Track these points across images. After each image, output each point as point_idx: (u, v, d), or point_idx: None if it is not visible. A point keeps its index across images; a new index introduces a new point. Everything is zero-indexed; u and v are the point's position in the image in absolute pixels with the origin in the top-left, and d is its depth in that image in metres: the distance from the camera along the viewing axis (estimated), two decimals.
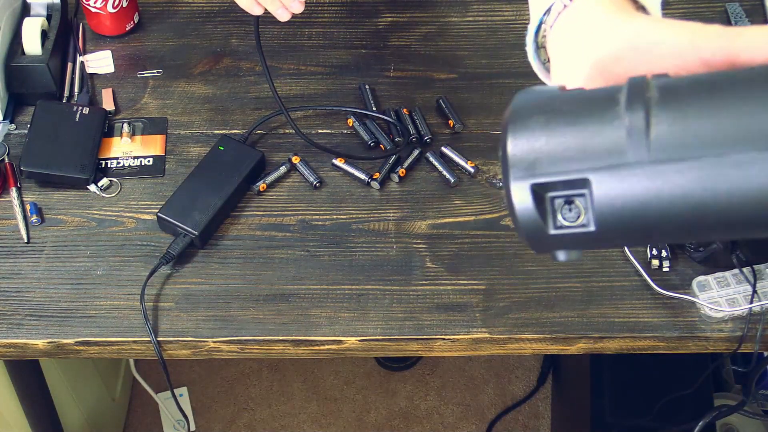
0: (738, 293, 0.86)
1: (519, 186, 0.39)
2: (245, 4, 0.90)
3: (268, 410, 1.75)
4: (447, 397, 1.76)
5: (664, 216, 0.37)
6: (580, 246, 0.41)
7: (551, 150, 0.39)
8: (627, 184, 0.37)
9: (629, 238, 0.40)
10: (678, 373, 1.31)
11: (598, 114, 0.39)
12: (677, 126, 0.37)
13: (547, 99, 0.41)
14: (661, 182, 0.37)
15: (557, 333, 0.87)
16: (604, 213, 0.38)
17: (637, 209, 0.38)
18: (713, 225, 0.37)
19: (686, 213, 0.37)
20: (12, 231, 0.93)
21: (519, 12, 1.13)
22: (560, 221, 0.39)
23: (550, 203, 0.39)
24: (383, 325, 0.87)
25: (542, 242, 0.40)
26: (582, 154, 0.38)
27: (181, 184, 0.94)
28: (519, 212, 0.40)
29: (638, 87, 0.38)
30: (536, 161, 0.39)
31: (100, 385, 1.55)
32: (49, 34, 1.03)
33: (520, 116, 0.40)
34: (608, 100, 0.39)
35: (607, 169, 0.38)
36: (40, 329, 0.87)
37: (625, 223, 0.38)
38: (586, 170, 0.38)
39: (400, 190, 0.97)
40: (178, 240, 0.90)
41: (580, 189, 0.39)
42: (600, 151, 0.38)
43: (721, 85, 0.37)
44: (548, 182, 0.39)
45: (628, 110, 0.38)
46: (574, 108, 0.39)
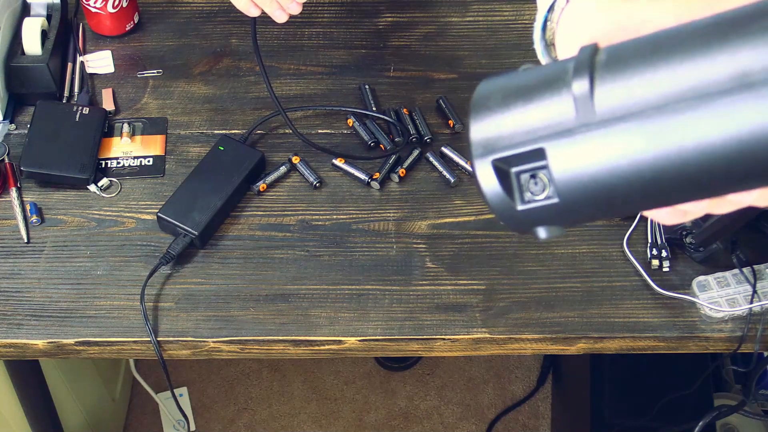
0: (738, 293, 0.86)
1: (481, 164, 0.40)
2: (242, 6, 0.90)
3: (268, 410, 1.75)
4: (447, 397, 1.76)
5: (621, 178, 0.37)
6: (552, 220, 0.41)
7: (508, 125, 0.39)
8: (579, 149, 0.38)
9: (595, 206, 0.39)
10: (678, 373, 1.31)
11: (550, 84, 0.39)
12: (620, 84, 0.37)
13: (505, 79, 0.41)
14: (611, 143, 0.37)
15: (557, 333, 0.87)
16: (564, 182, 0.38)
17: (593, 173, 0.38)
18: (670, 184, 0.37)
19: (640, 173, 0.37)
20: (12, 231, 0.93)
21: (519, 12, 1.13)
22: (527, 196, 0.40)
23: (516, 179, 0.40)
24: (383, 325, 0.87)
25: (515, 219, 0.41)
26: (536, 124, 0.39)
27: (181, 184, 0.94)
28: (485, 190, 0.40)
29: (587, 53, 0.38)
30: (495, 138, 0.40)
31: (100, 385, 1.55)
32: (49, 34, 1.03)
33: (480, 98, 0.41)
34: (560, 71, 0.39)
35: (559, 136, 0.38)
36: (40, 329, 0.87)
37: (586, 190, 0.38)
38: (540, 140, 0.38)
39: (400, 190, 0.97)
40: (178, 240, 0.90)
41: (539, 161, 0.39)
42: (552, 119, 0.38)
43: (662, 42, 0.37)
44: (507, 156, 0.39)
45: (575, 75, 0.38)
46: (529, 82, 0.40)
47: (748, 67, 0.33)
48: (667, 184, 0.37)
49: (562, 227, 0.42)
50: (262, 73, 0.97)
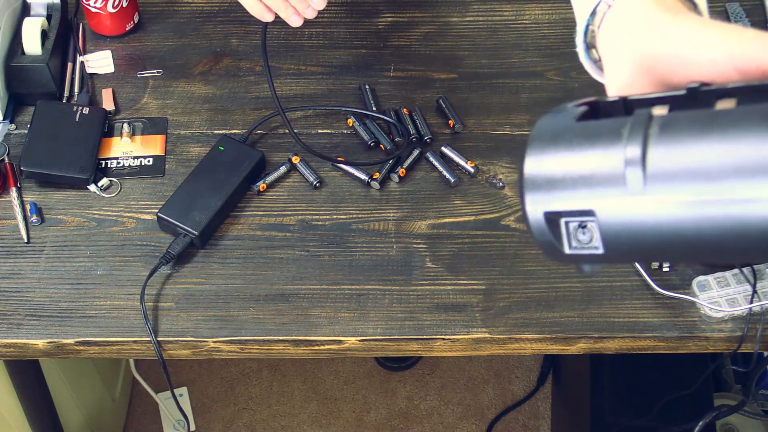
0: (738, 293, 0.86)
1: (534, 213, 0.44)
2: (256, 11, 0.90)
3: (268, 410, 1.75)
4: (447, 397, 1.76)
5: (663, 242, 0.41)
6: (596, 263, 0.45)
7: (562, 181, 0.43)
8: (626, 215, 0.41)
9: (637, 258, 0.44)
10: (678, 373, 1.31)
11: (603, 147, 0.42)
12: (671, 160, 0.40)
13: (561, 130, 0.44)
14: (655, 213, 0.40)
15: (557, 333, 0.87)
16: (610, 238, 0.42)
17: (637, 235, 0.41)
18: (708, 252, 0.40)
19: (681, 240, 0.40)
20: (12, 231, 0.93)
21: (519, 12, 1.13)
22: (574, 243, 0.44)
23: (565, 227, 0.44)
24: (383, 325, 0.87)
25: (561, 259, 0.45)
26: (587, 186, 0.42)
27: (181, 184, 0.94)
28: (536, 235, 0.44)
29: (640, 122, 0.41)
30: (549, 191, 0.43)
31: (100, 385, 1.55)
32: (49, 34, 1.03)
33: (536, 147, 0.45)
34: (613, 134, 0.42)
35: (608, 201, 0.41)
36: (40, 329, 0.87)
37: (629, 247, 0.42)
38: (590, 201, 0.42)
39: (400, 190, 0.97)
40: (178, 240, 0.90)
41: (588, 216, 0.42)
42: (603, 183, 0.41)
43: (714, 122, 0.39)
44: (558, 211, 0.43)
45: (628, 144, 0.41)
46: (583, 141, 0.43)
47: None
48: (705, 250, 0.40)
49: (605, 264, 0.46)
50: (268, 77, 0.97)
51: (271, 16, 0.90)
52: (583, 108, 0.45)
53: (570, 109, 0.46)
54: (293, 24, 0.90)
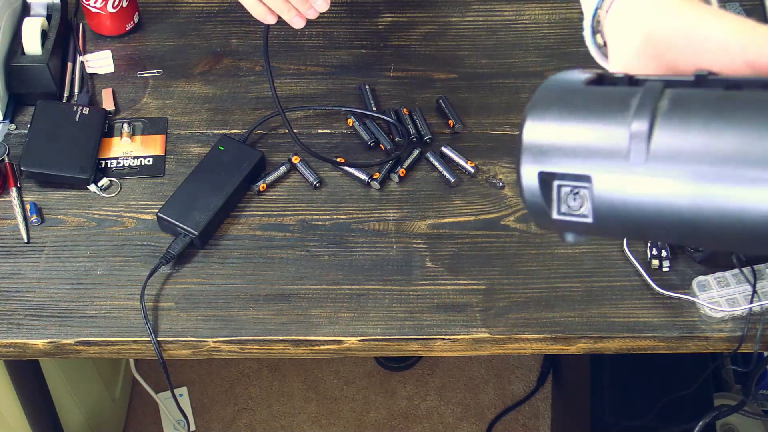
0: (738, 293, 0.86)
1: (528, 171, 0.43)
2: (258, 14, 0.90)
3: (268, 410, 1.75)
4: (447, 397, 1.76)
5: (655, 220, 0.40)
6: (581, 232, 0.44)
7: (561, 143, 0.42)
8: (623, 186, 0.40)
9: (624, 233, 0.42)
10: (678, 373, 1.31)
11: (609, 115, 0.41)
12: (677, 139, 0.39)
13: (568, 92, 0.43)
14: (654, 189, 0.39)
15: (557, 333, 0.87)
16: (602, 208, 0.41)
17: (630, 210, 0.40)
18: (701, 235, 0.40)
19: (675, 221, 0.39)
20: (12, 231, 0.93)
21: (519, 12, 1.13)
22: (564, 208, 0.42)
23: (557, 190, 0.42)
24: (383, 325, 0.87)
25: (546, 223, 0.44)
26: (587, 151, 0.41)
27: (181, 184, 0.94)
28: (526, 195, 0.43)
29: (651, 95, 0.40)
30: (547, 151, 0.42)
31: (100, 385, 1.55)
32: (49, 34, 1.03)
33: (540, 105, 0.43)
34: (621, 103, 0.41)
35: (607, 170, 0.40)
36: (40, 329, 0.87)
37: (620, 220, 0.41)
38: (589, 167, 0.41)
39: (400, 190, 0.97)
40: (178, 240, 0.90)
41: (583, 182, 0.41)
42: (604, 151, 0.40)
43: (726, 106, 0.39)
44: (554, 173, 0.42)
45: (636, 116, 0.40)
46: (589, 105, 0.42)
47: None
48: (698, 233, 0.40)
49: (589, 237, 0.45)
50: (269, 79, 0.97)
51: (274, 18, 0.90)
52: (594, 76, 0.44)
53: (578, 72, 0.45)
54: (296, 26, 0.90)
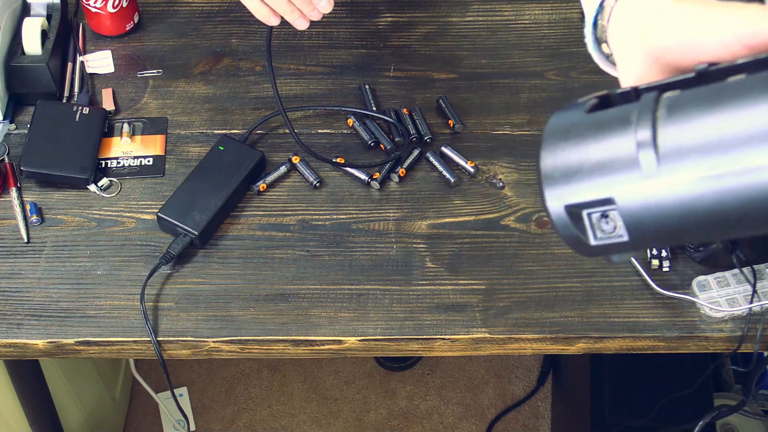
0: (738, 293, 0.86)
1: (555, 208, 0.44)
2: (262, 15, 0.89)
3: (268, 410, 1.75)
4: (447, 397, 1.76)
5: (685, 221, 0.41)
6: (623, 251, 0.45)
7: (577, 174, 0.43)
8: (645, 197, 0.41)
9: (663, 241, 0.43)
10: (678, 373, 1.31)
11: (614, 134, 0.42)
12: (681, 137, 0.40)
13: (572, 125, 0.45)
14: (674, 191, 0.40)
15: (557, 333, 0.87)
16: (632, 223, 0.42)
17: (659, 217, 0.41)
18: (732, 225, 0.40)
19: (703, 217, 0.40)
20: (12, 231, 0.93)
21: (519, 12, 1.13)
22: (599, 234, 0.44)
23: (588, 218, 0.44)
24: (383, 325, 0.87)
25: (588, 252, 0.45)
26: (603, 175, 0.42)
27: (181, 184, 0.94)
28: (560, 230, 0.45)
29: (648, 105, 0.41)
30: (567, 185, 0.44)
31: (100, 385, 1.55)
32: (49, 34, 1.03)
33: (549, 143, 0.45)
34: (623, 121, 0.42)
35: (626, 186, 0.41)
36: (40, 329, 0.87)
37: (653, 230, 0.42)
38: (608, 190, 0.42)
39: (400, 190, 0.97)
40: (178, 240, 0.90)
41: (608, 205, 0.42)
42: (618, 169, 0.42)
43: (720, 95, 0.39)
44: (578, 203, 0.43)
45: (638, 128, 0.41)
46: (594, 132, 0.43)
47: None
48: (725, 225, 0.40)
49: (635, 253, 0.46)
50: (272, 81, 0.97)
51: (277, 20, 0.90)
52: (594, 101, 0.46)
53: (581, 103, 0.46)
54: (299, 27, 0.90)
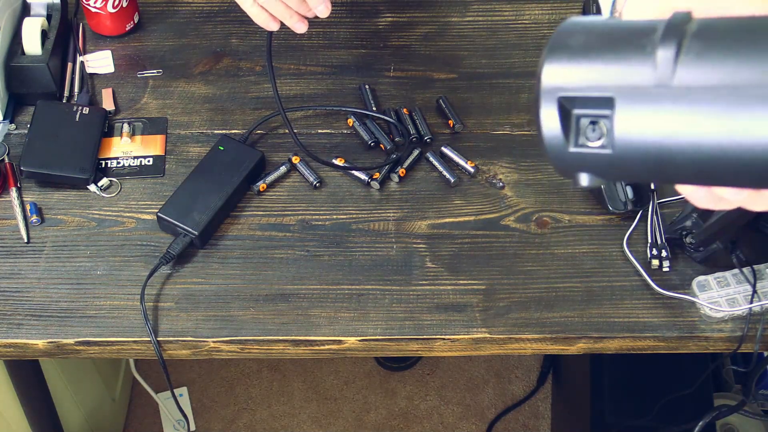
0: (738, 293, 0.86)
1: (548, 97, 0.41)
2: (261, 21, 0.89)
3: (268, 410, 1.75)
4: (447, 397, 1.76)
5: (680, 149, 0.38)
6: (597, 170, 0.41)
7: (584, 67, 0.40)
8: (648, 109, 0.38)
9: (644, 168, 0.40)
10: (678, 373, 1.31)
11: (635, 39, 0.39)
12: (706, 62, 0.37)
13: (591, 22, 0.42)
14: (681, 114, 0.37)
15: (557, 333, 0.87)
16: (623, 135, 0.39)
17: (654, 135, 0.38)
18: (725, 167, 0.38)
19: (700, 151, 0.37)
20: (12, 231, 0.93)
21: (519, 12, 1.13)
22: (582, 140, 0.40)
23: (576, 121, 0.40)
24: (383, 325, 0.87)
25: (563, 159, 0.41)
26: (612, 74, 0.39)
27: (181, 184, 0.94)
28: (544, 124, 0.41)
29: (679, 19, 0.39)
30: (568, 76, 0.40)
31: (100, 385, 1.55)
32: (49, 34, 1.03)
33: (562, 34, 0.42)
34: (648, 28, 0.39)
35: (632, 92, 0.38)
36: (40, 329, 0.87)
37: (642, 149, 0.39)
38: (612, 89, 0.39)
39: (400, 190, 0.97)
40: (179, 240, 0.90)
41: (605, 109, 0.39)
42: (629, 73, 0.39)
43: (758, 31, 0.37)
44: (576, 96, 0.40)
45: (663, 39, 0.38)
46: (614, 31, 0.41)
47: None
48: (723, 166, 0.37)
49: (604, 180, 0.42)
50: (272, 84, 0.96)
51: (277, 25, 0.90)
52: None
53: None
54: (299, 30, 0.90)
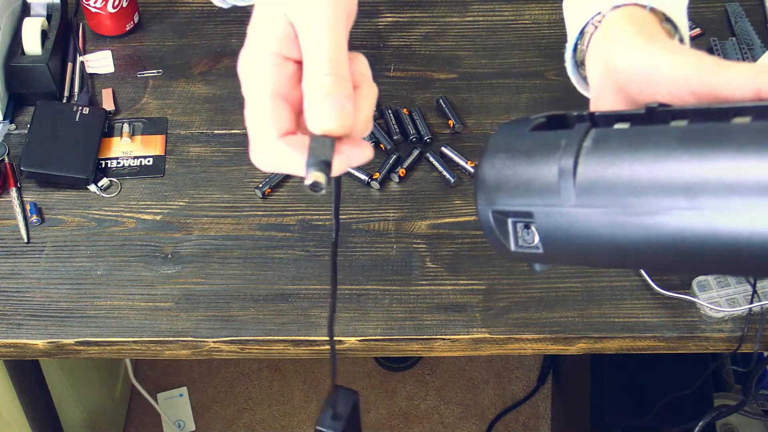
0: (738, 293, 0.86)
1: (483, 211, 0.48)
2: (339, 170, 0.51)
3: (268, 410, 1.75)
4: (447, 397, 1.76)
5: (591, 248, 0.44)
6: (540, 262, 0.49)
7: (507, 183, 0.47)
8: (559, 220, 0.45)
9: (572, 261, 0.47)
10: (678, 373, 1.31)
11: (544, 156, 0.46)
12: (598, 175, 0.43)
13: (514, 137, 0.49)
14: (583, 222, 0.44)
15: (557, 333, 0.87)
16: (547, 239, 0.46)
17: (569, 240, 0.45)
18: (634, 261, 0.44)
19: (607, 249, 0.43)
20: (12, 231, 0.93)
21: (519, 12, 1.13)
22: (520, 241, 0.48)
23: (513, 226, 0.47)
24: (383, 325, 0.87)
25: (509, 256, 0.48)
26: (528, 190, 0.46)
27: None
28: (486, 231, 0.49)
29: (577, 135, 0.45)
30: (496, 193, 0.48)
31: (100, 385, 1.55)
32: (49, 34, 1.03)
33: (491, 152, 0.49)
34: (554, 145, 0.45)
35: (544, 206, 0.45)
36: (40, 329, 0.87)
37: (563, 249, 0.46)
38: (529, 205, 0.46)
39: (400, 190, 0.97)
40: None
41: (529, 218, 0.46)
42: (540, 190, 0.45)
43: (640, 140, 0.42)
44: (504, 210, 0.47)
45: (563, 156, 0.44)
46: (529, 149, 0.47)
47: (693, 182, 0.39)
48: (628, 259, 0.44)
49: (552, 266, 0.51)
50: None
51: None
52: (542, 119, 0.49)
53: (530, 119, 0.49)
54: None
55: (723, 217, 0.38)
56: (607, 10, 0.58)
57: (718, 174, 0.38)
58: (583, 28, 0.61)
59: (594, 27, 0.59)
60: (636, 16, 0.56)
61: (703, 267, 0.42)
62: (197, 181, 0.97)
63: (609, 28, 0.56)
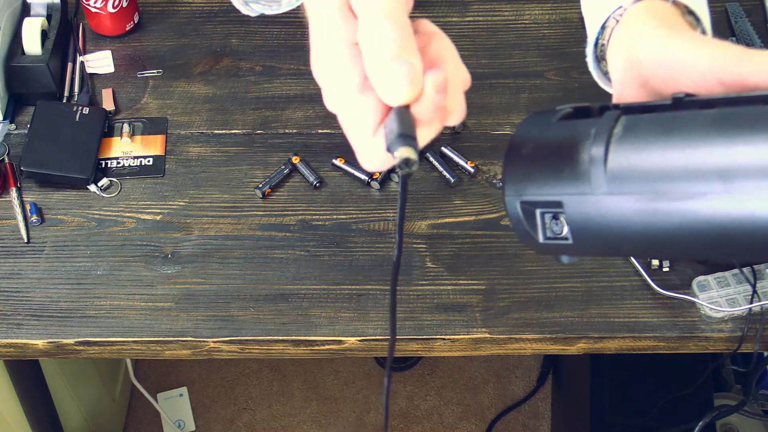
0: (738, 293, 0.86)
1: (511, 202, 0.48)
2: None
3: (268, 410, 1.75)
4: (447, 397, 1.76)
5: (622, 237, 0.44)
6: (568, 253, 0.48)
7: (536, 174, 0.47)
8: (588, 209, 0.44)
9: (603, 251, 0.47)
10: (678, 373, 1.31)
11: (573, 145, 0.45)
12: (629, 161, 0.42)
13: (541, 127, 0.48)
14: (614, 210, 0.43)
15: (557, 333, 0.87)
16: (577, 229, 0.45)
17: (599, 228, 0.44)
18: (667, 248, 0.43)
19: (638, 237, 0.43)
20: (12, 231, 0.93)
21: (519, 12, 1.13)
22: (548, 233, 0.47)
23: (541, 217, 0.47)
24: (383, 325, 0.87)
25: (537, 248, 0.48)
26: (557, 180, 0.45)
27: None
28: (514, 223, 0.48)
29: (607, 122, 0.44)
30: (525, 183, 0.47)
31: (100, 385, 1.55)
32: (49, 34, 1.03)
33: (517, 142, 0.48)
34: (584, 133, 0.45)
35: (574, 195, 0.45)
36: (40, 329, 0.87)
37: (594, 239, 0.45)
38: (559, 194, 0.45)
39: None
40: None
41: (558, 208, 0.46)
42: (570, 178, 0.45)
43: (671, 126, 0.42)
44: (532, 201, 0.47)
45: (594, 144, 0.44)
46: (557, 139, 0.47)
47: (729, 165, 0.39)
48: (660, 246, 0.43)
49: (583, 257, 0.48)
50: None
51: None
52: (569, 110, 0.48)
53: (556, 110, 0.49)
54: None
55: (760, 201, 0.38)
56: (628, 4, 0.57)
57: (755, 157, 0.38)
58: (605, 23, 0.60)
59: (615, 21, 0.58)
60: (658, 8, 0.55)
61: (736, 253, 0.41)
62: (197, 181, 0.97)
63: (631, 21, 0.56)
